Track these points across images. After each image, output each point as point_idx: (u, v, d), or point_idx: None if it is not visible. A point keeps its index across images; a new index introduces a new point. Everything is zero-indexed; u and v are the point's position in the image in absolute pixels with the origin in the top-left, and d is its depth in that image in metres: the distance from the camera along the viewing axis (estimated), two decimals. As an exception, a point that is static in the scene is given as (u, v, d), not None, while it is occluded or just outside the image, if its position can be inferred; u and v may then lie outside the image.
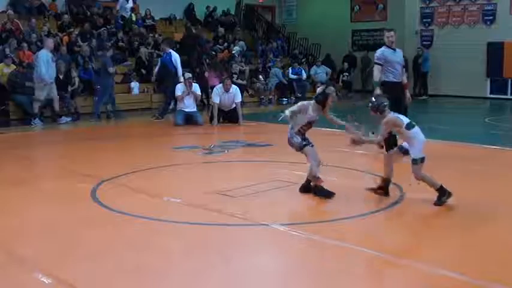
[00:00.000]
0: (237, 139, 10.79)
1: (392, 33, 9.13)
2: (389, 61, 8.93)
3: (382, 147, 7.76)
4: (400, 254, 4.59)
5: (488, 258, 4.55)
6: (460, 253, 4.71)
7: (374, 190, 6.23)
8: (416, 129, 6.05)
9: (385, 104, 6.08)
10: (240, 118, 13.07)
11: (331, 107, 6.46)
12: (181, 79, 13.67)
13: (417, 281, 4.19)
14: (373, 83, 9.08)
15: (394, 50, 9.00)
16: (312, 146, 6.34)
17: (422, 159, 6.02)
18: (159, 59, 15.52)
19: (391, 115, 6.08)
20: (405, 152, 6.09)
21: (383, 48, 9.05)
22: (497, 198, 6.51)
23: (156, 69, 15.65)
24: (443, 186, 6.03)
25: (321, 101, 6.33)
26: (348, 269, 4.40)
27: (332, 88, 6.44)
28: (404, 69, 9.18)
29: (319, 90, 6.53)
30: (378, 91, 8.73)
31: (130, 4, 20.08)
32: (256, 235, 5.27)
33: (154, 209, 5.99)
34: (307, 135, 6.43)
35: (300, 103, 6.52)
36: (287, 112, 6.30)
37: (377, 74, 8.99)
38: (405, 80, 9.18)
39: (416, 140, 6.01)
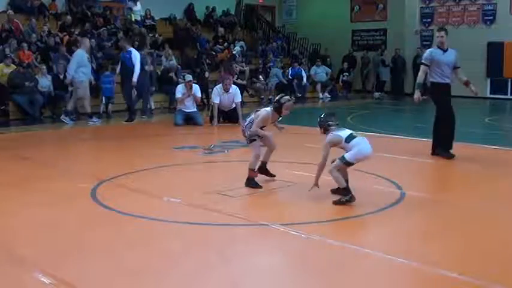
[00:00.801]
0: (237, 139, 10.77)
1: (442, 33, 8.92)
2: (437, 62, 8.70)
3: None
4: (400, 254, 4.58)
5: (488, 259, 4.55)
6: (461, 253, 4.71)
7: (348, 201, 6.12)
8: (357, 141, 6.12)
9: (330, 123, 6.30)
10: (240, 118, 13.05)
11: (288, 114, 6.84)
12: (135, 79, 13.34)
13: (417, 281, 4.20)
14: (416, 84, 8.97)
15: (445, 50, 8.78)
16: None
17: (348, 163, 6.09)
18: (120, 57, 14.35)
19: (331, 135, 6.22)
20: (346, 162, 6.10)
21: (432, 48, 8.90)
22: (497, 198, 6.51)
23: (118, 68, 14.52)
24: (348, 187, 6.09)
25: (277, 108, 6.77)
26: (348, 269, 4.40)
27: (287, 97, 6.87)
28: (459, 69, 8.80)
29: (276, 98, 6.98)
30: (417, 94, 8.80)
31: (139, 7, 20.09)
32: (256, 235, 5.27)
33: (155, 209, 5.99)
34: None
35: (262, 116, 6.84)
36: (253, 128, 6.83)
37: (420, 75, 8.88)
38: (464, 78, 8.82)
39: (355, 148, 6.07)
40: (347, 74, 22.11)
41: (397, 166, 8.41)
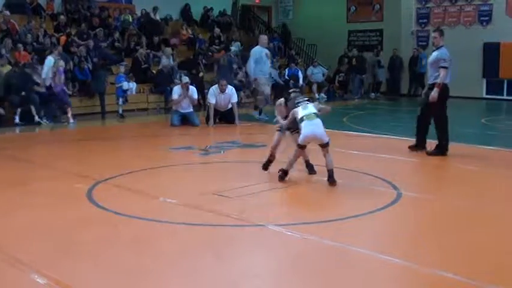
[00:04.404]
0: (233, 140, 10.79)
1: (434, 33, 9.46)
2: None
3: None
4: (396, 254, 4.59)
5: (484, 259, 4.56)
6: (457, 253, 4.71)
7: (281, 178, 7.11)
8: (303, 124, 6.95)
9: (299, 101, 7.21)
10: (236, 119, 13.06)
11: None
12: None
13: (413, 282, 4.20)
14: None
15: (434, 50, 9.22)
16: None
17: (299, 145, 7.03)
18: None
19: (295, 108, 7.15)
20: (299, 146, 7.06)
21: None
22: (493, 198, 6.52)
23: None
24: (288, 172, 7.11)
25: (285, 98, 7.58)
26: (344, 270, 4.41)
27: (296, 94, 7.49)
28: (439, 69, 8.92)
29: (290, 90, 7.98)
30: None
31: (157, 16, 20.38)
32: (252, 236, 5.27)
33: (151, 210, 5.99)
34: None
35: (277, 102, 7.84)
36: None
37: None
38: (438, 80, 8.88)
39: (301, 131, 6.98)
40: (343, 74, 22.07)
41: (393, 166, 8.41)
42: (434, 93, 8.83)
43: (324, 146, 6.94)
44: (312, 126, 6.92)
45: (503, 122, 15.29)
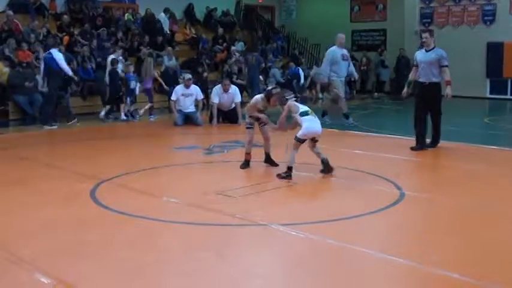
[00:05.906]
0: (237, 139, 10.78)
1: (425, 34, 9.97)
2: (419, 62, 9.54)
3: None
4: (400, 254, 4.58)
5: (489, 259, 4.55)
6: (461, 254, 4.70)
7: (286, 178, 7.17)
8: (308, 118, 7.24)
9: (286, 96, 7.56)
10: (239, 118, 13.06)
11: (276, 106, 7.73)
12: (69, 73, 13.15)
13: (417, 282, 4.19)
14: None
15: (428, 50, 9.49)
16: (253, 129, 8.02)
17: (299, 140, 7.16)
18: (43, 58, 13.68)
19: (290, 102, 7.44)
20: (298, 140, 7.19)
21: (419, 50, 9.83)
22: (497, 198, 6.51)
23: (42, 69, 13.75)
24: (292, 169, 7.16)
25: (267, 96, 7.75)
26: (347, 269, 4.40)
27: (278, 90, 7.83)
28: (443, 68, 9.37)
29: (269, 88, 8.22)
30: (405, 89, 9.93)
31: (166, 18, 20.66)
32: (255, 235, 5.27)
33: (154, 209, 5.99)
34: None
35: (251, 102, 8.05)
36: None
37: (410, 74, 9.91)
38: (447, 78, 9.41)
39: (304, 125, 7.16)
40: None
41: (396, 166, 8.41)
42: (449, 91, 9.49)
43: (316, 141, 7.37)
44: (317, 124, 7.33)
45: (507, 121, 15.27)
